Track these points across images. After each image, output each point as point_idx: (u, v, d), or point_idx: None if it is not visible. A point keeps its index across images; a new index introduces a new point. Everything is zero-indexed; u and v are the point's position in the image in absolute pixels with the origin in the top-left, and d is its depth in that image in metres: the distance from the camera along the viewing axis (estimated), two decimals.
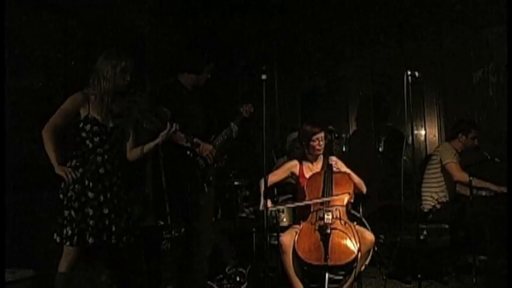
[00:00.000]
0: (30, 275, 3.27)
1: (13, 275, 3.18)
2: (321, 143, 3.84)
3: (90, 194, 2.94)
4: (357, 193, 3.90)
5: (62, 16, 4.27)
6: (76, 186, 2.93)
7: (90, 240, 2.90)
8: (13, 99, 3.74)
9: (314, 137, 3.83)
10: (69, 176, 2.87)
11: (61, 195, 2.96)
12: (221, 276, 4.36)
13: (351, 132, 6.21)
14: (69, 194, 2.93)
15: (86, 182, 2.95)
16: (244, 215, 4.90)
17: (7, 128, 3.53)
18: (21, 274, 3.23)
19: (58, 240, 2.92)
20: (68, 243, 2.89)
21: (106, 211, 2.97)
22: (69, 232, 2.88)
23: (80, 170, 2.96)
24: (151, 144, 3.20)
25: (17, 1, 3.85)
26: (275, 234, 4.31)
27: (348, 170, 3.90)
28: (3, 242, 3.13)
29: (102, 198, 2.98)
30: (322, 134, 3.85)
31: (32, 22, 4.03)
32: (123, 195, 3.10)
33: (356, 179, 3.85)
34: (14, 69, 3.84)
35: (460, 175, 4.46)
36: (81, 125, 2.99)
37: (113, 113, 3.08)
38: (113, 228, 2.98)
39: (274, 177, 3.93)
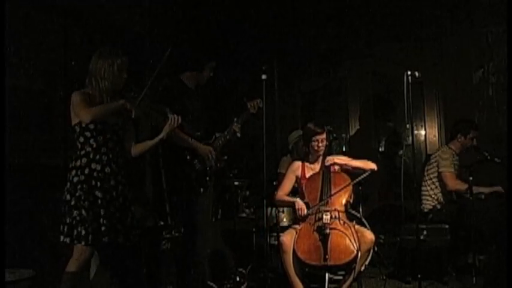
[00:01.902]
0: (30, 275, 3.27)
1: (13, 275, 3.18)
2: (321, 144, 3.84)
3: (98, 194, 2.93)
4: (369, 172, 3.86)
5: (62, 16, 4.27)
6: (84, 186, 2.91)
7: (105, 240, 2.89)
8: (13, 99, 3.74)
9: (315, 138, 3.84)
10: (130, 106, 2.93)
11: (68, 196, 2.93)
12: (221, 276, 4.35)
13: (351, 132, 6.22)
14: (77, 194, 2.90)
15: (93, 182, 2.94)
16: (244, 215, 4.90)
17: (7, 128, 3.53)
18: (21, 274, 3.23)
19: (68, 241, 2.88)
20: (83, 243, 2.86)
21: (113, 210, 2.97)
22: (83, 232, 2.85)
23: (87, 169, 2.94)
24: (157, 139, 3.19)
25: (17, 1, 3.85)
26: (275, 234, 4.32)
27: (348, 160, 3.90)
28: (3, 242, 3.13)
29: (109, 197, 2.97)
30: (323, 136, 3.85)
31: (32, 22, 4.03)
32: (127, 194, 3.10)
33: (357, 163, 3.84)
34: (14, 69, 3.84)
35: (454, 184, 4.52)
36: (84, 125, 2.96)
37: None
38: (119, 227, 2.98)
39: (285, 188, 3.94)
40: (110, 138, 3.02)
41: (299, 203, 3.70)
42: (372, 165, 3.85)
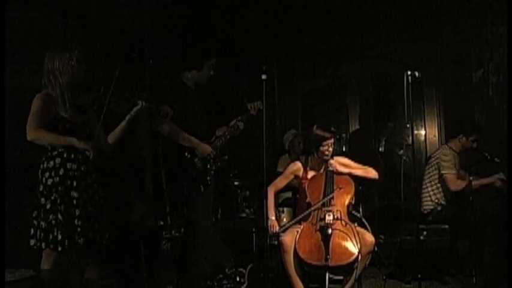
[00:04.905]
0: (30, 275, 3.26)
1: (13, 275, 3.18)
2: (330, 148, 3.83)
3: (75, 194, 2.89)
4: (371, 181, 3.93)
5: (62, 16, 4.26)
6: (60, 188, 2.86)
7: (81, 241, 2.86)
8: (13, 99, 3.73)
9: (325, 143, 3.82)
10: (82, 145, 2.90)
11: (42, 199, 2.87)
12: (221, 276, 4.35)
13: (351, 132, 6.21)
14: (52, 197, 2.85)
15: (69, 182, 2.89)
16: (244, 215, 4.89)
17: (7, 128, 3.52)
18: (21, 274, 3.23)
19: (43, 246, 2.84)
20: (59, 249, 2.82)
21: (90, 209, 2.94)
22: (59, 236, 2.81)
23: (61, 170, 2.89)
24: (123, 123, 3.13)
25: (17, 1, 3.84)
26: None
27: (352, 164, 3.90)
28: (3, 242, 3.12)
29: (86, 196, 2.93)
30: (332, 140, 3.84)
31: (32, 22, 4.02)
32: (101, 192, 3.06)
33: (359, 171, 3.84)
34: (14, 69, 3.83)
35: (456, 185, 4.47)
36: (52, 126, 2.90)
37: (80, 109, 3.01)
38: (97, 226, 2.96)
39: (278, 184, 3.95)
40: (80, 136, 2.96)
41: (272, 220, 3.73)
42: (373, 174, 3.84)
